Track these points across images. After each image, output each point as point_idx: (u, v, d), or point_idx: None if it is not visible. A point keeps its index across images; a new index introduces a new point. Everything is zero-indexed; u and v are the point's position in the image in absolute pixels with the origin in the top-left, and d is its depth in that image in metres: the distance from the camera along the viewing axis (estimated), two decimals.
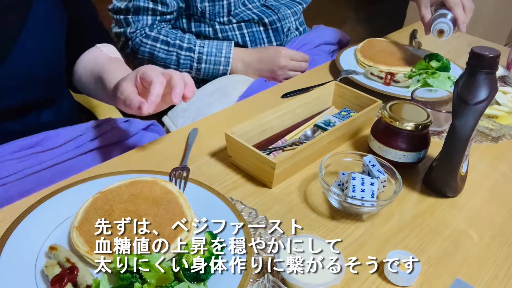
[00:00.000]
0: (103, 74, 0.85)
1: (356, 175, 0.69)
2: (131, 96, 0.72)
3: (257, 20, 1.24)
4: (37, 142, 0.79)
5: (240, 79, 1.20)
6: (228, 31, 1.23)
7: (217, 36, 1.23)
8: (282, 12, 1.28)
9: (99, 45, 0.94)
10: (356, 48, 1.22)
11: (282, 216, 0.69)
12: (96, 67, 0.89)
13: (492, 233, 0.70)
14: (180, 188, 0.69)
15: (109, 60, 0.90)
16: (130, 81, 0.74)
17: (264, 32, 1.28)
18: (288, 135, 0.87)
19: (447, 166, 0.73)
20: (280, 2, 1.31)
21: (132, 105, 0.71)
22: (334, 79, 1.08)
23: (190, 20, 1.23)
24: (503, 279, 0.62)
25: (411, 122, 0.76)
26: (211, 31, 1.23)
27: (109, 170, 0.73)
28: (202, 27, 1.23)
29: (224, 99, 1.11)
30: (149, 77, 0.71)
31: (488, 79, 0.66)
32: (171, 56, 1.18)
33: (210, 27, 1.22)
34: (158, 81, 0.70)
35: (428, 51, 1.22)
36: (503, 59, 0.93)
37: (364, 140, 0.89)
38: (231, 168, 0.79)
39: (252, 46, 1.28)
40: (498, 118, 0.93)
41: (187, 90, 0.71)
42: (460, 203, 0.75)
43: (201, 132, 0.86)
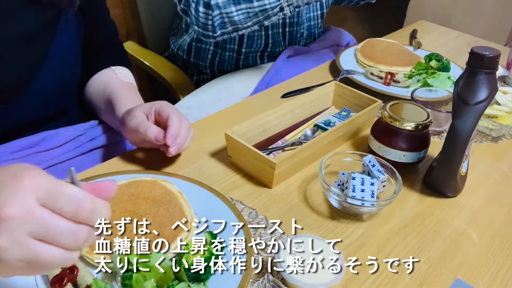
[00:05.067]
0: (114, 99, 0.84)
1: (356, 175, 0.69)
2: (146, 124, 0.72)
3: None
4: (37, 142, 0.79)
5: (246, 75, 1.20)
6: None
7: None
8: (302, 17, 1.29)
9: (114, 67, 0.92)
10: (356, 48, 1.22)
11: (282, 216, 0.69)
12: (108, 90, 0.87)
13: (492, 233, 0.70)
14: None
15: (122, 85, 0.88)
16: (142, 110, 0.75)
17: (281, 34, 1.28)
18: (288, 135, 0.87)
19: (447, 166, 0.73)
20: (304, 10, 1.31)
21: (148, 132, 0.72)
22: (334, 79, 1.08)
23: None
24: (503, 279, 0.62)
25: (411, 122, 0.76)
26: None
27: (109, 170, 0.73)
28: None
29: (228, 99, 1.11)
30: (166, 112, 0.73)
31: (488, 79, 0.66)
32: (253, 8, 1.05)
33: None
34: (175, 116, 0.72)
35: (428, 51, 1.22)
36: (503, 59, 0.93)
37: (364, 140, 0.89)
38: (231, 168, 0.79)
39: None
40: (498, 118, 0.93)
41: (178, 139, 0.72)
42: (460, 203, 0.75)
43: (201, 132, 0.86)
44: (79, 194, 0.40)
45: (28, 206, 0.38)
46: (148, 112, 0.75)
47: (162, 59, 1.38)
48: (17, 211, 0.38)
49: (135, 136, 0.75)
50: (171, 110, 0.74)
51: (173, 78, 1.31)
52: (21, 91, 0.75)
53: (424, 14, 2.55)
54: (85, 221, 0.40)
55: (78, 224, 0.40)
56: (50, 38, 0.77)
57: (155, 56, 1.39)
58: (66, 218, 0.40)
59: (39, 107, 0.81)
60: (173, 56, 1.39)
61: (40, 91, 0.78)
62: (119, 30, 0.98)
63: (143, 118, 0.74)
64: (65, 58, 0.81)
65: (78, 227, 0.40)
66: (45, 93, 0.79)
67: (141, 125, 0.72)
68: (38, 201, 0.39)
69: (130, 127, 0.74)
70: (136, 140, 0.76)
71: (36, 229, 0.38)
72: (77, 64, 0.86)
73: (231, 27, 1.06)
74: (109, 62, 0.92)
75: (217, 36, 1.08)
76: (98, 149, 0.86)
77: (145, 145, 0.76)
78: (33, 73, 0.76)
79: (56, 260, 0.40)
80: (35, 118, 0.81)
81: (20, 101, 0.76)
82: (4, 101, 0.74)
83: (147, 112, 0.75)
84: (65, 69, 0.82)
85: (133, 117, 0.74)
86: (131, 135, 0.76)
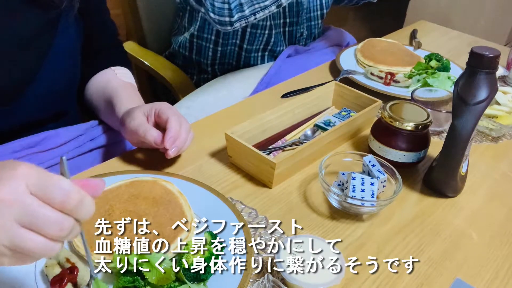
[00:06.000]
0: (114, 99, 0.84)
1: (356, 175, 0.69)
2: (146, 127, 0.73)
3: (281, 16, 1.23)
4: (37, 142, 0.79)
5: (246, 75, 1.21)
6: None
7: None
8: (302, 16, 1.29)
9: (114, 68, 0.92)
10: (356, 48, 1.22)
11: (282, 216, 0.69)
12: (108, 90, 0.87)
13: (492, 233, 0.70)
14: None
15: (122, 85, 0.88)
16: (141, 112, 0.75)
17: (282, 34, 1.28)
18: (288, 135, 0.87)
19: (447, 166, 0.73)
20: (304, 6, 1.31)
21: (148, 135, 0.72)
22: (334, 79, 1.08)
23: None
24: (503, 279, 0.62)
25: (411, 122, 0.76)
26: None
27: (109, 170, 0.73)
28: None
29: (228, 99, 1.11)
30: (165, 114, 0.73)
31: (488, 79, 0.66)
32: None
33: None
34: (174, 118, 0.72)
35: (428, 51, 1.22)
36: (503, 59, 0.93)
37: (364, 140, 0.89)
38: (231, 168, 0.79)
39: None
40: (498, 118, 0.93)
41: (178, 142, 0.72)
42: (460, 203, 0.75)
43: (201, 132, 0.86)
44: (68, 185, 0.41)
45: (19, 193, 0.40)
46: (148, 113, 0.75)
47: (162, 59, 1.38)
48: (8, 197, 0.39)
49: (135, 137, 0.75)
50: (171, 112, 0.74)
51: (173, 78, 1.31)
52: (21, 92, 0.75)
53: (424, 14, 2.55)
54: (71, 213, 0.42)
55: (64, 215, 0.41)
56: (50, 40, 0.77)
57: (155, 56, 1.39)
58: (54, 209, 0.41)
59: (39, 108, 0.81)
60: (174, 54, 1.39)
61: (40, 92, 0.78)
62: (119, 30, 0.97)
63: (142, 120, 0.74)
64: (65, 59, 0.81)
65: (64, 218, 0.41)
66: (45, 94, 0.79)
67: (140, 127, 0.72)
68: (28, 189, 0.40)
69: (130, 128, 0.74)
70: (135, 141, 0.76)
71: (24, 216, 0.40)
72: (77, 65, 0.86)
73: (248, 9, 1.05)
74: (109, 63, 0.92)
75: (234, 21, 1.06)
76: (98, 149, 0.86)
77: (144, 145, 0.76)
78: (33, 74, 0.76)
79: (39, 249, 0.41)
80: (35, 119, 0.81)
81: (20, 102, 0.76)
82: (5, 102, 0.74)
83: (147, 113, 0.75)
84: (65, 70, 0.82)
85: (133, 119, 0.74)
86: (130, 136, 0.76)
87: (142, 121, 0.74)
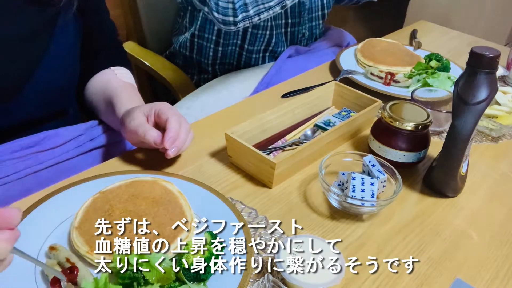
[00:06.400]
0: (114, 99, 0.84)
1: (356, 175, 0.69)
2: (146, 127, 0.73)
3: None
4: (37, 142, 0.79)
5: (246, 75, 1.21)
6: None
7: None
8: (304, 17, 1.29)
9: (114, 68, 0.92)
10: (356, 48, 1.22)
11: (282, 216, 0.69)
12: (108, 90, 0.87)
13: (492, 233, 0.70)
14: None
15: (122, 85, 0.88)
16: (141, 112, 0.75)
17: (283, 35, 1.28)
18: (288, 135, 0.87)
19: (447, 166, 0.73)
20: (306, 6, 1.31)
21: (147, 135, 0.72)
22: (334, 79, 1.08)
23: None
24: (503, 279, 0.62)
25: (411, 122, 0.76)
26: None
27: (109, 170, 0.73)
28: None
29: (228, 99, 1.11)
30: (165, 114, 0.73)
31: (488, 79, 0.66)
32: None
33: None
34: (174, 118, 0.72)
35: (428, 51, 1.22)
36: (503, 59, 0.93)
37: (364, 140, 0.89)
38: (231, 168, 0.79)
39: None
40: (498, 118, 0.93)
41: (177, 142, 0.72)
42: (460, 203, 0.75)
43: (201, 132, 0.86)
44: None
45: None
46: (148, 113, 0.75)
47: (162, 59, 1.38)
48: None
49: (135, 138, 0.75)
50: (171, 112, 0.74)
51: (173, 78, 1.31)
52: (19, 90, 0.75)
53: (424, 14, 2.55)
54: None
55: None
56: (49, 37, 0.77)
57: (155, 56, 1.39)
58: None
59: (38, 105, 0.81)
60: (174, 54, 1.39)
61: (39, 90, 0.78)
62: (119, 30, 0.97)
63: (142, 120, 0.74)
64: (63, 57, 0.81)
65: None
66: (44, 91, 0.79)
67: (140, 127, 0.72)
68: None
69: (130, 128, 0.74)
70: (135, 141, 0.76)
71: None
72: (76, 63, 0.86)
73: (253, 9, 1.04)
74: (109, 63, 0.92)
75: (238, 21, 1.06)
76: (98, 149, 0.86)
77: (144, 146, 0.76)
78: (32, 71, 0.76)
79: None
80: (34, 117, 0.81)
81: (18, 99, 0.76)
82: (3, 99, 0.75)
83: (147, 113, 0.75)
84: (64, 68, 0.82)
85: (133, 119, 0.74)
86: (130, 136, 0.76)
87: (142, 121, 0.74)
